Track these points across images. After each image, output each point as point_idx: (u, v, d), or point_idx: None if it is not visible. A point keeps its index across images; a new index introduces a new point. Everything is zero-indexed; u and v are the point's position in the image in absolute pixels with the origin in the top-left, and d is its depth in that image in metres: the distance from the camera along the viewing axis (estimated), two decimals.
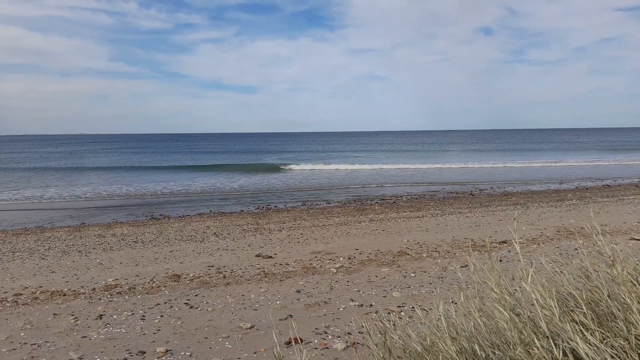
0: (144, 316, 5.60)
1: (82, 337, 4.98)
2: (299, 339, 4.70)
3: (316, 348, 4.46)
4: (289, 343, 4.63)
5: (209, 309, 5.79)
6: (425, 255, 8.29)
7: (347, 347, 4.39)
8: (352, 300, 5.90)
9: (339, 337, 4.70)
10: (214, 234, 11.41)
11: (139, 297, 6.45)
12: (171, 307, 5.94)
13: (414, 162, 39.02)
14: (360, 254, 8.63)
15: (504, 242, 9.13)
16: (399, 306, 5.60)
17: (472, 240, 9.47)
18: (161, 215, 15.48)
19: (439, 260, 7.88)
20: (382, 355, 1.39)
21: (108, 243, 10.66)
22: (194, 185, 25.77)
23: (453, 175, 28.97)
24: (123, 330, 5.15)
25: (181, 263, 8.44)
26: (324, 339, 4.67)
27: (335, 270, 7.49)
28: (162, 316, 5.59)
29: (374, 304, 5.75)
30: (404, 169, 34.21)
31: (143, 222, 14.09)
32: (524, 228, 10.46)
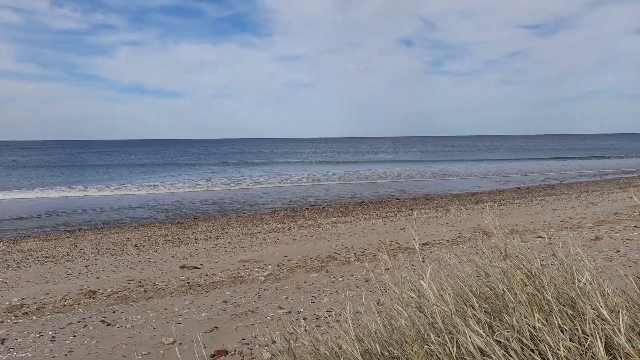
0: (54, 337, 5.16)
1: None
2: (224, 350, 4.57)
3: (242, 359, 4.36)
4: (214, 356, 4.49)
5: (128, 325, 5.46)
6: (352, 260, 8.44)
7: (272, 356, 4.33)
8: (281, 308, 5.86)
9: (266, 346, 4.63)
10: (135, 245, 10.83)
11: (48, 317, 5.94)
12: (85, 325, 5.53)
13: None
14: (289, 260, 8.60)
15: (426, 243, 9.54)
16: (327, 311, 5.63)
17: (397, 242, 9.80)
18: (74, 226, 14.44)
19: (366, 264, 8.05)
20: None
21: (14, 259, 9.74)
22: None
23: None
24: (29, 354, 4.70)
25: (97, 278, 7.90)
26: (251, 349, 4.58)
27: (263, 279, 7.39)
28: (75, 336, 5.18)
29: (302, 310, 5.75)
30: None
31: (55, 235, 13.05)
32: (444, 230, 11.02)
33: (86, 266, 8.88)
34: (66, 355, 4.67)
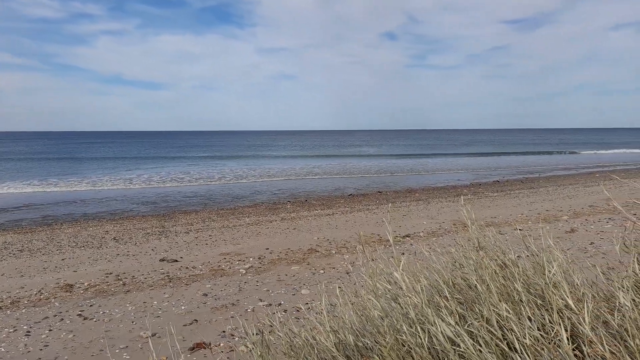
0: (29, 332, 5.07)
1: None
2: (204, 343, 4.55)
3: (222, 352, 4.35)
4: (193, 349, 4.46)
5: (106, 319, 5.39)
6: (334, 252, 8.47)
7: (247, 349, 4.34)
8: (261, 300, 5.85)
9: (245, 338, 4.62)
10: (114, 238, 10.67)
11: (23, 311, 5.83)
12: (62, 319, 5.44)
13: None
14: (270, 253, 8.59)
15: (407, 236, 9.63)
16: (307, 303, 5.65)
17: (378, 235, 9.86)
18: (52, 219, 14.16)
19: (347, 256, 8.09)
20: (259, 353, 1.38)
21: None
22: None
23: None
24: (3, 349, 4.61)
25: (75, 272, 7.77)
26: (230, 342, 4.57)
27: (244, 271, 7.37)
28: (50, 330, 5.10)
29: (282, 302, 5.76)
30: None
31: (31, 228, 12.77)
32: (425, 222, 11.13)
33: (63, 259, 8.73)
34: (41, 349, 4.59)
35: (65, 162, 43.08)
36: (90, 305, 5.92)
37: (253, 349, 1.43)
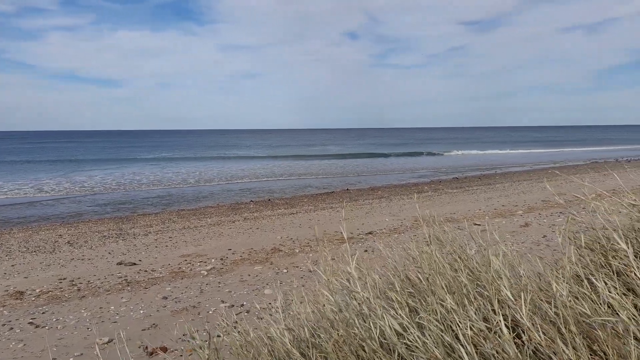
0: None
1: None
2: (163, 347, 4.45)
3: (181, 355, 4.26)
4: (152, 353, 4.36)
5: (59, 326, 5.18)
6: (297, 251, 8.47)
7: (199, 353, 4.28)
8: (223, 302, 5.78)
9: (206, 341, 4.55)
10: (68, 242, 10.25)
11: None
12: (11, 328, 5.19)
13: None
14: (233, 254, 8.49)
15: (370, 233, 9.75)
16: (270, 303, 5.62)
17: (341, 233, 9.92)
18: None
19: (311, 255, 8.11)
20: (207, 356, 1.37)
21: None
22: None
23: None
24: None
25: (26, 278, 7.42)
26: (190, 345, 4.49)
27: (206, 273, 7.26)
28: None
29: (245, 303, 5.71)
30: None
31: None
32: (387, 219, 11.30)
33: (13, 265, 8.32)
34: None
35: (16, 165, 40.99)
36: (43, 313, 5.67)
37: (200, 352, 1.41)
